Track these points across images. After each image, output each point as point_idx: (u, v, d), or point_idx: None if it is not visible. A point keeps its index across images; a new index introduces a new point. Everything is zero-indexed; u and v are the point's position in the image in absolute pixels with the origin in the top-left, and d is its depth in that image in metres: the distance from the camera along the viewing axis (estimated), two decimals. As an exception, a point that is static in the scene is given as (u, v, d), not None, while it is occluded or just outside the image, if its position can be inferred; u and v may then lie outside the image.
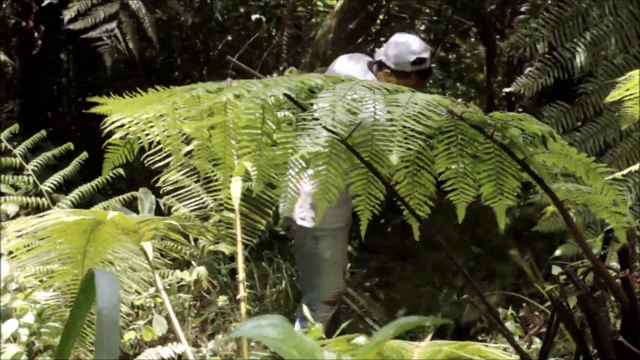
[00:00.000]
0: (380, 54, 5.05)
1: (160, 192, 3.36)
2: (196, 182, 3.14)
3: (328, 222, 5.05)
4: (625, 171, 2.72)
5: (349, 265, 5.72)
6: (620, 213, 2.29)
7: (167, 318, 4.80)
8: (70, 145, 4.80)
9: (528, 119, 2.01)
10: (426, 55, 4.96)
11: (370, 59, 5.15)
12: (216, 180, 3.08)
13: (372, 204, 2.40)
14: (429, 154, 2.34)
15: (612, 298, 2.56)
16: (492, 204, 2.40)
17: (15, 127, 4.74)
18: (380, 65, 4.98)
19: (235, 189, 2.71)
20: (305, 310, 5.27)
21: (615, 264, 2.47)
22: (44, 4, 6.50)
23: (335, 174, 2.32)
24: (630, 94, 2.72)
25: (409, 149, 1.88)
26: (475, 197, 2.38)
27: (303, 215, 5.09)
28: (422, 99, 1.88)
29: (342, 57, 5.31)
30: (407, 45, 4.94)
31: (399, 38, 5.02)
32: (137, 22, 6.59)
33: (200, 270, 5.27)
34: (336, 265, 5.18)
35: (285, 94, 2.03)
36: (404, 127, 1.84)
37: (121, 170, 4.65)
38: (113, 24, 6.49)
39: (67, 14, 6.37)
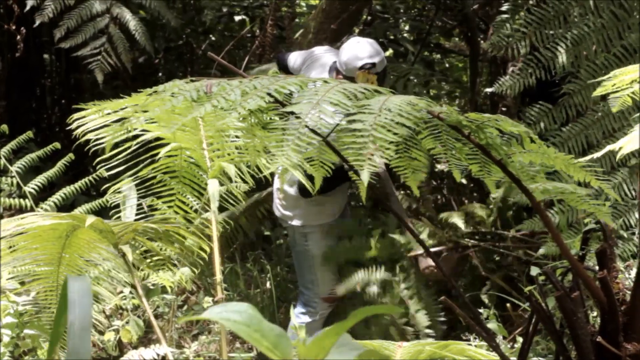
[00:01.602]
0: (337, 59, 5.05)
1: (109, 204, 3.35)
2: (145, 195, 3.14)
3: (313, 219, 5.18)
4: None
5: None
6: (601, 204, 2.30)
7: (150, 319, 4.79)
8: (56, 144, 4.79)
9: (503, 119, 2.02)
10: (376, 59, 4.93)
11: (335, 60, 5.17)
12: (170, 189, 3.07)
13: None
14: (416, 138, 2.36)
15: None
16: (482, 178, 2.40)
17: (3, 127, 4.73)
18: (338, 71, 5.00)
19: (213, 190, 2.71)
20: (297, 309, 5.33)
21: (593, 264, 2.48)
22: (26, 9, 6.49)
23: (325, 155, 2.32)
24: (617, 88, 2.72)
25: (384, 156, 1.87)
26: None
27: (291, 214, 5.20)
28: (396, 103, 1.87)
29: (320, 50, 5.35)
30: (355, 51, 4.92)
31: (350, 44, 5.01)
32: (128, 33, 6.61)
33: (184, 271, 5.26)
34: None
35: (270, 95, 2.03)
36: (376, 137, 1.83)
37: (104, 172, 4.64)
38: (103, 39, 6.50)
39: (57, 33, 6.39)
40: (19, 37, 6.99)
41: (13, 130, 4.94)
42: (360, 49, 4.93)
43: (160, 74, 8.62)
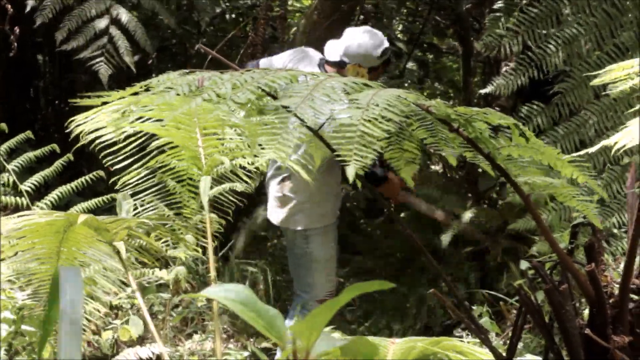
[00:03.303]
0: (336, 54, 5.07)
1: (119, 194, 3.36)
2: (155, 186, 3.15)
3: (315, 222, 5.17)
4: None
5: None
6: (590, 200, 2.32)
7: (145, 318, 4.81)
8: (54, 146, 4.81)
9: (492, 112, 2.03)
10: (387, 43, 5.08)
11: (321, 56, 5.20)
12: (182, 180, 3.09)
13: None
14: (407, 130, 2.37)
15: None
16: (478, 162, 2.41)
17: (2, 126, 4.74)
18: (342, 65, 5.02)
19: (205, 187, 2.72)
20: (292, 313, 5.34)
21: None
22: (27, 10, 6.50)
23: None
24: (615, 79, 2.75)
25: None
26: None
27: (294, 219, 5.19)
28: (385, 97, 1.89)
29: (285, 54, 5.39)
30: (369, 40, 5.01)
31: (355, 36, 5.05)
32: (126, 33, 6.62)
33: (180, 270, 5.28)
34: (327, 262, 5.30)
35: (263, 90, 2.04)
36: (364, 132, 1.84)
37: (101, 172, 4.66)
38: (104, 40, 6.52)
39: (59, 35, 6.41)
40: (12, 37, 7.00)
41: (12, 131, 4.96)
42: (371, 37, 5.05)
43: (153, 75, 8.61)
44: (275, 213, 5.32)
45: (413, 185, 2.82)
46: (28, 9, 6.47)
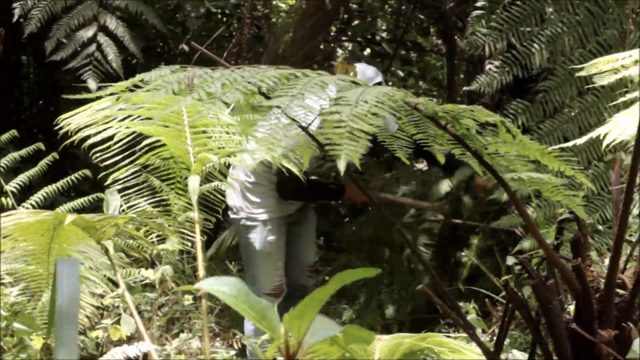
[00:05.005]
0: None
1: (109, 189, 3.36)
2: (143, 183, 3.16)
3: (255, 213, 5.18)
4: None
5: (313, 261, 5.76)
6: (575, 194, 2.34)
7: (131, 317, 4.81)
8: (40, 145, 4.81)
9: (479, 109, 2.05)
10: (381, 78, 5.25)
11: None
12: (171, 178, 3.10)
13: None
14: (398, 122, 2.40)
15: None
16: (466, 160, 2.43)
17: None
18: None
19: (193, 185, 2.73)
20: None
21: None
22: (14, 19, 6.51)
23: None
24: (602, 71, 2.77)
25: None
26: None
27: (237, 206, 5.20)
28: (374, 95, 1.90)
29: None
30: (362, 74, 5.10)
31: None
32: (116, 39, 6.63)
33: (166, 269, 5.28)
34: (269, 256, 5.29)
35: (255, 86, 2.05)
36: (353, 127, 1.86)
37: (87, 172, 4.66)
38: (92, 47, 6.52)
39: (49, 45, 6.42)
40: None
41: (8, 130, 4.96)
42: (365, 71, 5.18)
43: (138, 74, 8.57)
44: (232, 196, 5.32)
45: (409, 163, 2.85)
46: (15, 17, 6.47)
